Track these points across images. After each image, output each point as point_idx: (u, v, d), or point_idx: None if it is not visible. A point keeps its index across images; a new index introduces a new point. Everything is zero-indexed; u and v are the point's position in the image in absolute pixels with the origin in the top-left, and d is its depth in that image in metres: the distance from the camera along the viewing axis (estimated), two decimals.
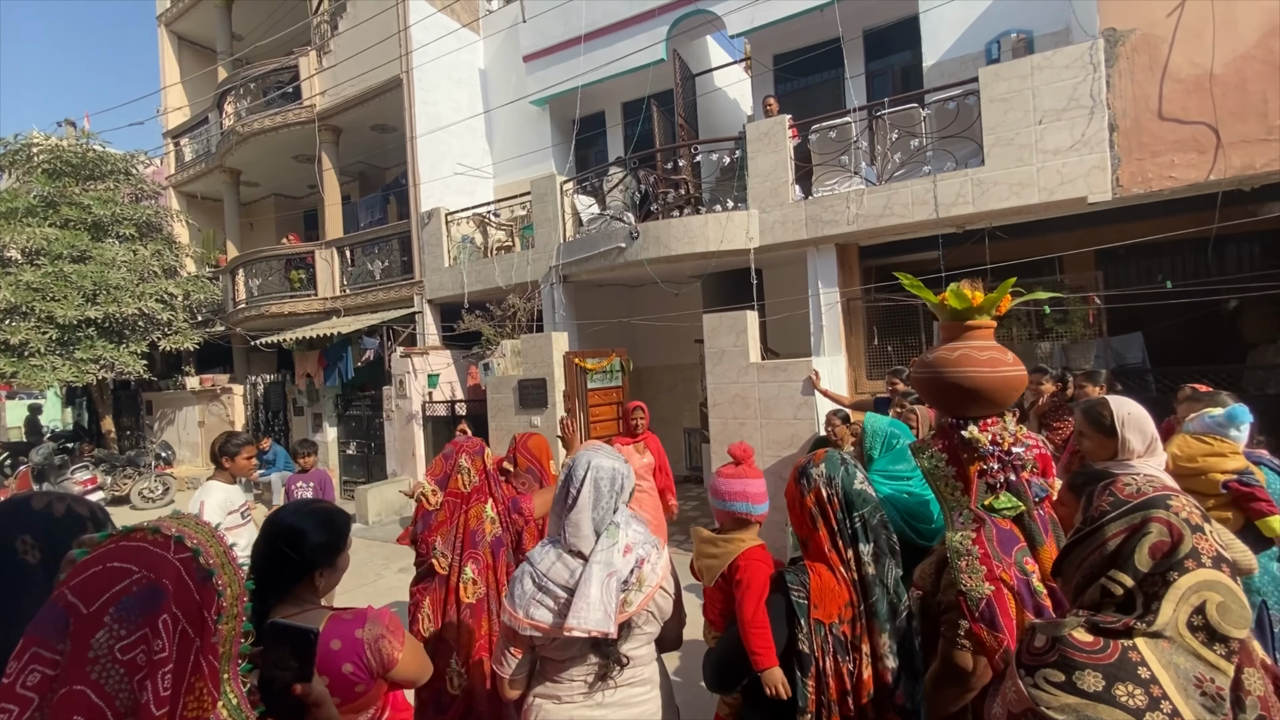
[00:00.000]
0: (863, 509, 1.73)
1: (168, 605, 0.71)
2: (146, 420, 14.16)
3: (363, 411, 10.17)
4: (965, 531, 1.86)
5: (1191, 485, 2.43)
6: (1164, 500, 1.07)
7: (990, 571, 1.81)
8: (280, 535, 1.48)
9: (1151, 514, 1.05)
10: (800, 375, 5.68)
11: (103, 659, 0.67)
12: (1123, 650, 1.00)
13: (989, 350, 1.85)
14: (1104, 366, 5.54)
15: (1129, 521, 1.06)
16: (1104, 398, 2.21)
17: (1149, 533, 1.04)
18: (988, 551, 1.81)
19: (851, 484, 1.75)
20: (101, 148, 12.52)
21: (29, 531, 0.97)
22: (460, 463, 2.60)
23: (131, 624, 0.69)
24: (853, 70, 8.08)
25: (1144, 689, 0.96)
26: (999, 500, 1.79)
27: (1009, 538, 1.85)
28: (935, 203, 5.74)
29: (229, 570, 0.91)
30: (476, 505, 2.57)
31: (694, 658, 3.88)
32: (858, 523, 1.72)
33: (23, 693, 0.68)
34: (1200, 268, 6.09)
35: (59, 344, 10.77)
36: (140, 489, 10.33)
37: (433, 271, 9.56)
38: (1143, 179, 5.22)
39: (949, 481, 1.93)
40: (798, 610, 1.68)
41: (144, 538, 0.74)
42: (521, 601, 1.60)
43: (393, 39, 9.90)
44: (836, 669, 1.65)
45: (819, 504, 1.74)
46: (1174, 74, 5.13)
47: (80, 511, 1.06)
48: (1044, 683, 1.02)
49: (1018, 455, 1.81)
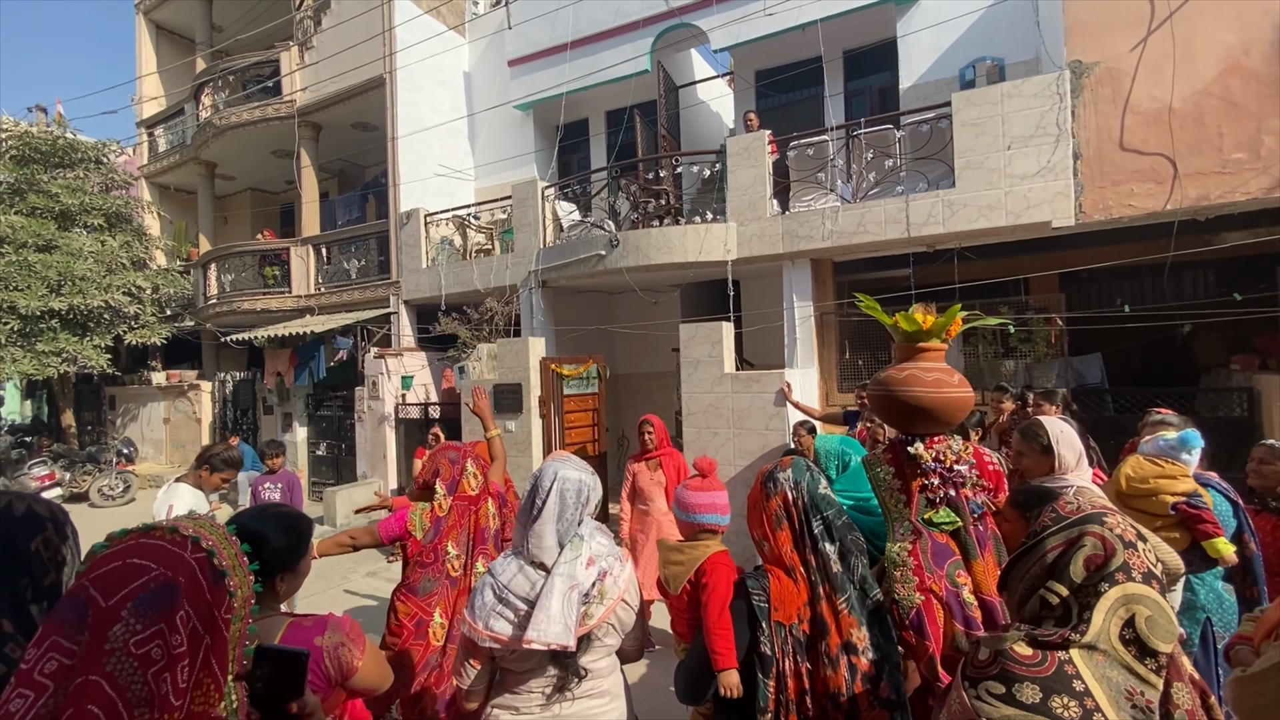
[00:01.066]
0: (826, 511, 1.79)
1: (182, 602, 0.74)
2: (109, 415, 13.79)
3: (334, 412, 10.04)
4: (903, 543, 1.96)
5: (1142, 505, 2.54)
6: (1100, 517, 1.13)
7: (922, 582, 1.90)
8: (240, 539, 1.48)
9: (1087, 529, 1.12)
10: (773, 386, 5.76)
11: (118, 651, 0.69)
12: (1059, 663, 1.05)
13: (935, 371, 1.93)
14: (1065, 386, 5.72)
15: (1066, 535, 1.13)
16: (1038, 419, 2.35)
17: (1084, 545, 1.11)
18: (921, 563, 1.91)
19: (816, 489, 1.82)
20: (73, 135, 12.23)
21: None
22: (468, 467, 2.75)
23: (147, 619, 0.71)
24: (832, 89, 8.25)
25: (1078, 701, 1.02)
26: (938, 515, 1.88)
27: (943, 551, 1.94)
28: (907, 222, 5.89)
29: (240, 573, 0.94)
30: (484, 505, 2.73)
31: (658, 666, 3.92)
32: (819, 525, 1.78)
33: (40, 679, 0.70)
34: (1158, 293, 6.32)
35: (20, 335, 10.47)
36: (100, 486, 10.07)
37: (410, 272, 9.50)
38: (1104, 206, 5.41)
39: (894, 494, 2.02)
40: (759, 614, 1.73)
41: (162, 536, 0.76)
42: (482, 613, 1.61)
43: (377, 38, 9.85)
44: (795, 669, 1.70)
45: (784, 507, 1.80)
46: (1135, 106, 5.34)
47: (40, 511, 1.06)
48: (986, 694, 1.07)
49: (959, 473, 1.90)
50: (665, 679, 3.86)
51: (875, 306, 2.07)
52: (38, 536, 1.06)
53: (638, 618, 1.78)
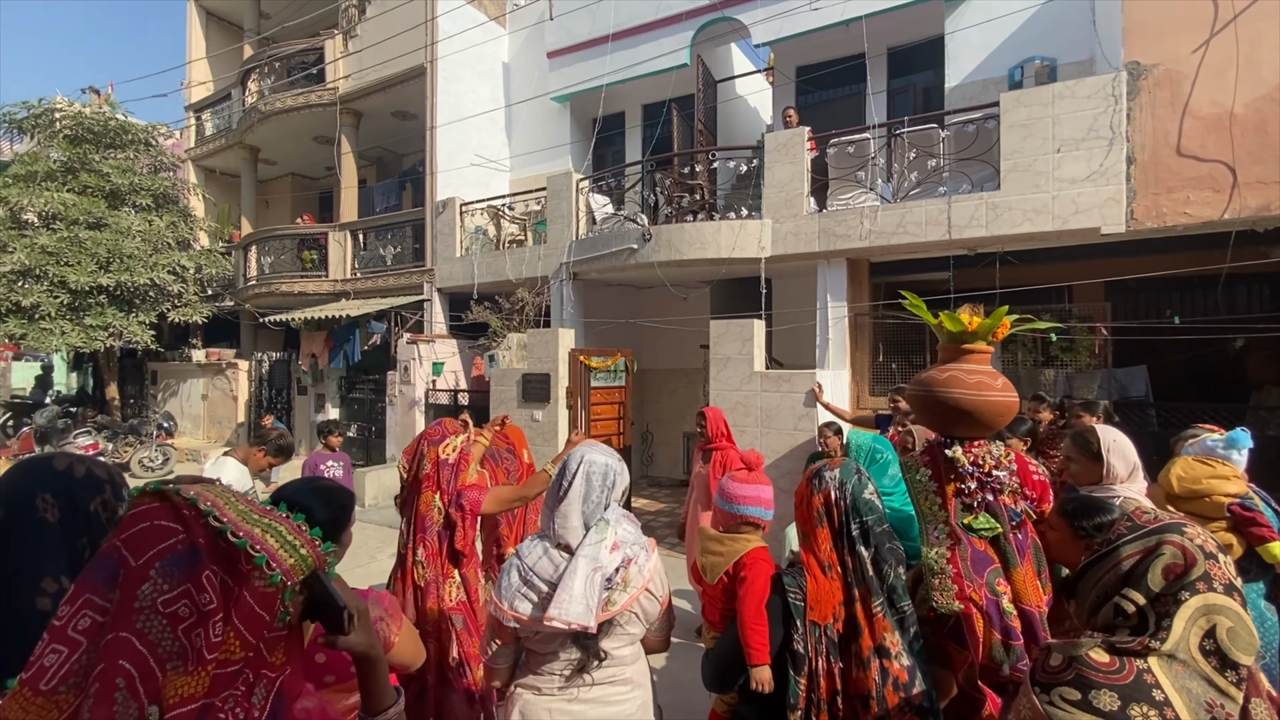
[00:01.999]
0: (867, 516, 1.77)
1: (207, 562, 0.75)
2: (150, 390, 14.25)
3: (366, 395, 10.23)
4: (940, 549, 1.91)
5: (1194, 508, 2.45)
6: (1179, 527, 1.11)
7: (961, 590, 1.85)
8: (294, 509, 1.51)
9: (1166, 538, 1.09)
10: (803, 387, 5.70)
11: (146, 610, 0.71)
12: (1138, 672, 1.02)
13: (978, 374, 1.88)
14: (1107, 397, 5.55)
15: (1144, 544, 1.10)
16: (1092, 426, 2.27)
17: (1162, 554, 1.07)
18: (960, 571, 1.86)
19: (861, 493, 1.80)
20: (124, 117, 12.62)
21: (50, 490, 1.00)
22: (421, 449, 2.62)
23: (174, 579, 0.73)
24: (875, 87, 8.10)
25: (1158, 711, 0.99)
26: (977, 520, 1.83)
27: (983, 559, 1.89)
28: (949, 224, 5.76)
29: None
30: (426, 493, 2.58)
31: (679, 659, 3.91)
32: (857, 529, 1.75)
33: (74, 635, 0.72)
34: (1209, 305, 6.08)
35: (69, 309, 10.86)
36: (140, 457, 10.41)
37: (444, 260, 9.61)
38: (1157, 213, 5.22)
39: (929, 496, 1.97)
40: (794, 611, 1.72)
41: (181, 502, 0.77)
42: (507, 593, 1.63)
43: (419, 27, 9.96)
44: (828, 669, 1.69)
45: (825, 505, 1.79)
46: (1194, 111, 5.14)
47: (99, 474, 1.09)
48: (1060, 700, 1.04)
49: (997, 478, 1.85)
50: (685, 671, 3.86)
51: (920, 305, 2.02)
52: (97, 498, 1.09)
53: (664, 609, 1.77)
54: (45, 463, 1.07)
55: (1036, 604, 1.86)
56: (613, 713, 1.66)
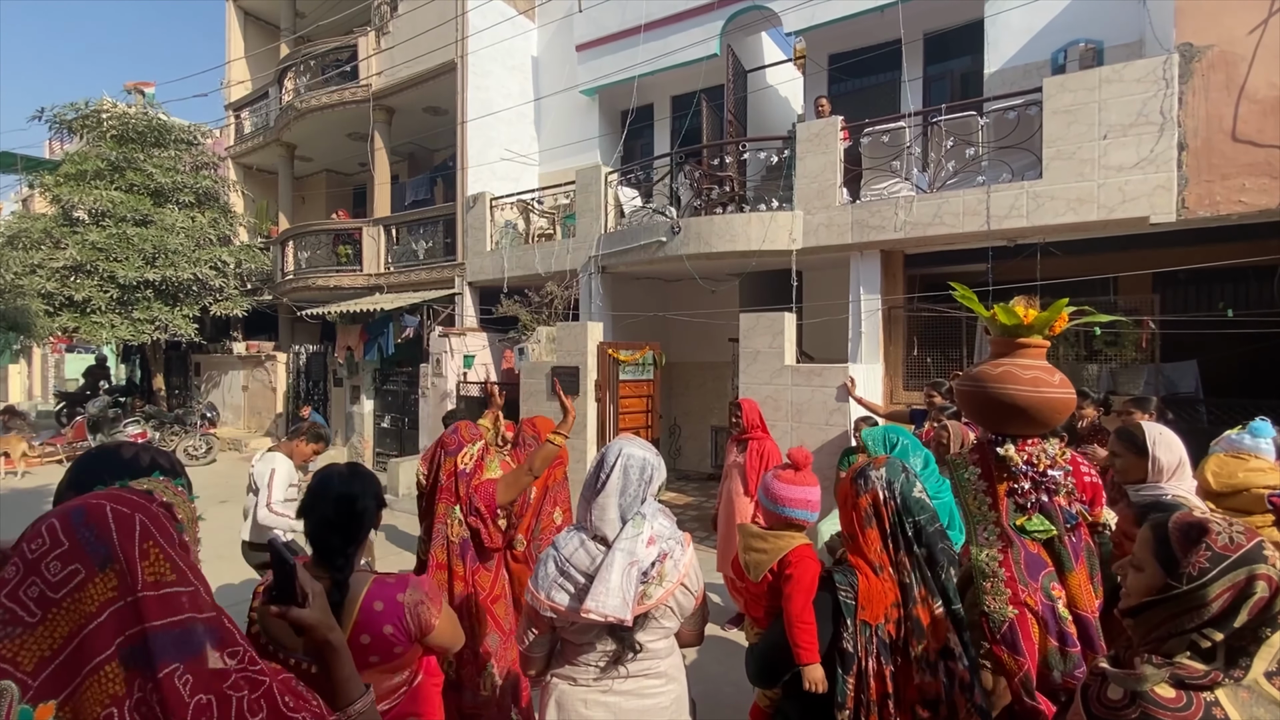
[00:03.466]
0: (919, 516, 1.73)
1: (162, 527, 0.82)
2: (194, 381, 14.75)
3: (399, 387, 10.42)
4: (991, 551, 1.85)
5: (1236, 504, 2.40)
6: (1261, 552, 1.04)
7: (1015, 595, 1.79)
8: (346, 493, 1.58)
9: (1256, 571, 1.02)
10: (835, 381, 5.63)
11: None
12: (1206, 706, 0.98)
13: (1034, 369, 1.82)
14: (1154, 393, 5.36)
15: (1233, 580, 1.03)
16: (1137, 421, 2.18)
17: (1254, 593, 1.01)
18: (1014, 574, 1.80)
19: (910, 491, 1.75)
20: (166, 117, 13.01)
21: (117, 478, 1.05)
22: (438, 458, 2.61)
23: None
24: (910, 74, 7.92)
25: None
26: (1031, 522, 1.77)
27: (1037, 562, 1.83)
28: (987, 214, 5.61)
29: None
30: (442, 504, 2.57)
31: (710, 652, 3.92)
32: (911, 528, 1.72)
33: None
34: (1265, 297, 5.81)
35: (119, 303, 11.29)
36: (186, 446, 10.79)
37: (474, 255, 9.71)
38: (1210, 201, 5.01)
39: (978, 496, 1.91)
40: (845, 610, 1.69)
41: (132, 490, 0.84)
42: (544, 584, 1.65)
43: (450, 23, 10.05)
44: (879, 670, 1.66)
45: (874, 506, 1.75)
46: (1251, 94, 4.91)
47: (162, 463, 1.14)
48: None
49: (1052, 478, 1.78)
50: (716, 664, 3.87)
51: (972, 297, 1.96)
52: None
53: (699, 604, 1.77)
54: (114, 451, 1.12)
55: (1090, 609, 1.80)
56: (647, 705, 1.67)
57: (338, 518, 1.54)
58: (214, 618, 0.80)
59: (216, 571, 5.43)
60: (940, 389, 4.67)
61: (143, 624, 0.74)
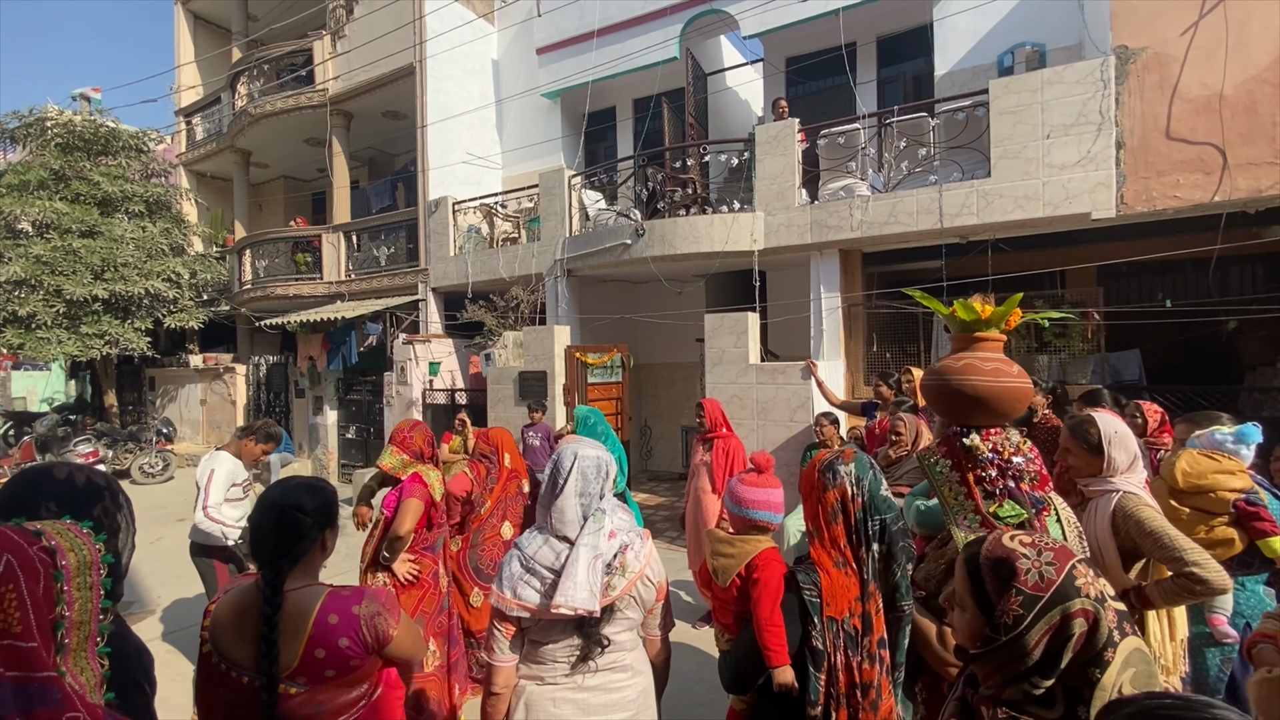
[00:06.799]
0: (886, 514, 1.78)
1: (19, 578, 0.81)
2: (149, 396, 14.26)
3: (363, 396, 10.23)
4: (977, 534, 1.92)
5: (1199, 503, 2.47)
6: (1072, 584, 1.03)
7: None
8: (286, 504, 1.55)
9: (1070, 609, 1.01)
10: (799, 379, 5.73)
11: None
12: None
13: (993, 361, 1.88)
14: (1100, 382, 5.58)
15: (1049, 623, 1.01)
16: (1091, 415, 2.22)
17: (1072, 632, 1.00)
18: None
19: (878, 489, 1.80)
20: (113, 124, 12.57)
21: (53, 499, 1.03)
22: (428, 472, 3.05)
23: None
24: (864, 76, 8.10)
25: None
26: (1003, 509, 1.83)
27: None
28: (940, 212, 5.78)
29: (82, 567, 0.98)
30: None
31: (678, 650, 3.95)
32: (875, 526, 1.76)
33: None
34: (1201, 288, 6.11)
35: (66, 318, 10.85)
36: (141, 464, 10.42)
37: (438, 260, 9.61)
38: (1147, 197, 5.24)
39: (953, 487, 1.97)
40: (811, 609, 1.73)
41: (17, 530, 0.83)
42: (509, 583, 1.66)
43: (407, 27, 9.93)
44: (846, 663, 1.71)
45: (842, 501, 1.78)
46: (1183, 94, 5.15)
47: (99, 482, 1.12)
48: None
49: (1017, 465, 1.85)
50: (685, 662, 3.89)
51: (931, 298, 2.02)
52: (98, 505, 1.12)
53: (661, 599, 1.79)
54: (47, 471, 1.10)
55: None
56: (615, 699, 1.69)
57: (269, 527, 1.52)
58: (51, 678, 0.80)
59: (174, 589, 5.28)
60: (888, 380, 4.78)
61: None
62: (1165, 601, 1.95)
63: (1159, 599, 1.95)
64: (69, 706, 0.80)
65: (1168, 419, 3.40)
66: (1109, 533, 2.06)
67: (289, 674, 1.44)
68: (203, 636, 1.53)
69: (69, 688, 0.81)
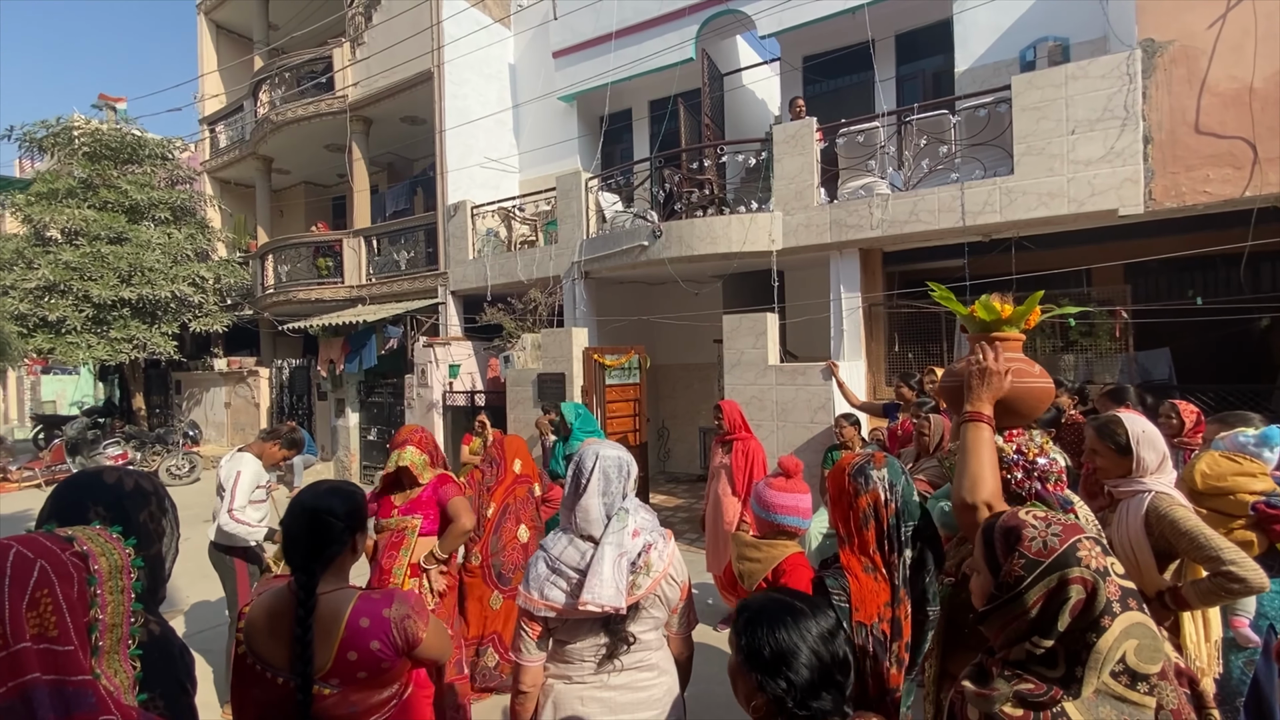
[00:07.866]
0: (919, 520, 1.76)
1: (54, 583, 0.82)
2: (175, 399, 14.54)
3: (384, 399, 10.34)
4: None
5: (1218, 505, 2.42)
6: (1073, 553, 1.06)
7: None
8: (318, 509, 1.57)
9: (1068, 575, 1.05)
10: (819, 380, 5.69)
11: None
12: (1052, 717, 1.01)
13: (1015, 361, 1.86)
14: (1129, 381, 5.47)
15: (1046, 586, 1.06)
16: (1117, 415, 2.18)
17: (1069, 597, 1.04)
18: None
19: (910, 495, 1.77)
20: (139, 133, 12.84)
21: (102, 503, 1.05)
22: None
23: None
24: (883, 74, 8.03)
25: None
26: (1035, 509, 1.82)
27: None
28: (962, 210, 5.71)
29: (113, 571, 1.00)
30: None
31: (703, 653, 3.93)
32: (907, 531, 1.74)
33: None
34: (1232, 285, 5.97)
35: (94, 322, 11.10)
36: (168, 465, 10.63)
37: (456, 263, 9.69)
38: (1176, 193, 5.14)
39: None
40: (840, 614, 1.71)
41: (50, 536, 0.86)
42: (536, 584, 1.67)
43: (425, 32, 10.03)
44: (875, 668, 1.69)
45: (874, 506, 1.76)
46: (1212, 87, 5.04)
47: (146, 486, 1.14)
48: None
49: (1042, 466, 1.82)
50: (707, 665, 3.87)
51: (949, 296, 1.98)
52: (145, 510, 1.14)
53: (684, 598, 1.79)
54: (97, 476, 1.13)
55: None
56: (641, 697, 1.70)
57: (301, 531, 1.55)
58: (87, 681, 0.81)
59: (201, 590, 5.37)
60: (910, 381, 4.73)
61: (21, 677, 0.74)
62: (1202, 602, 1.92)
63: (1195, 599, 1.91)
64: (104, 709, 0.81)
65: (1203, 419, 3.33)
66: (1142, 534, 2.02)
67: (323, 675, 1.47)
68: (238, 638, 1.56)
69: (104, 690, 0.83)
